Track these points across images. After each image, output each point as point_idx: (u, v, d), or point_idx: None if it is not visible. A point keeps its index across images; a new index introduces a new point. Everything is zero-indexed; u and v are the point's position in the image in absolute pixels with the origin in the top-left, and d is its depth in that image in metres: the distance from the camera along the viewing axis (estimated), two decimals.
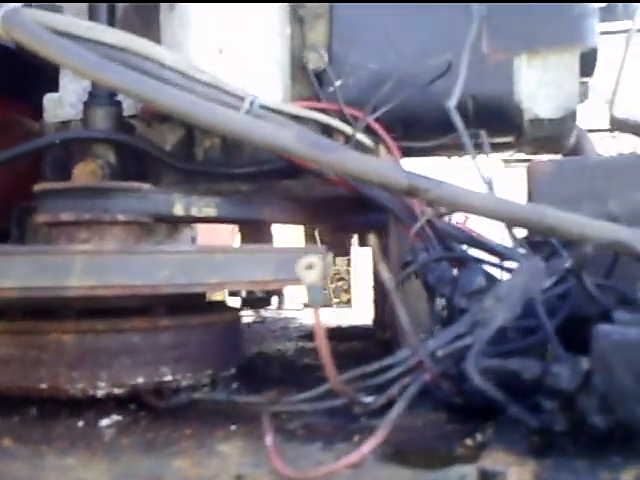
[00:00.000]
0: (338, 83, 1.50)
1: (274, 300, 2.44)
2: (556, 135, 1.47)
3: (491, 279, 1.06)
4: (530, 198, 1.45)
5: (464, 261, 1.13)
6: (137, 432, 0.93)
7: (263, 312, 2.57)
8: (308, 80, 1.45)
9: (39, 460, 0.82)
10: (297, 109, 1.24)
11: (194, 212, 1.18)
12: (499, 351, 0.89)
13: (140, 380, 0.97)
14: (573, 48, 1.42)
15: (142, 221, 1.11)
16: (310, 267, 0.74)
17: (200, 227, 2.17)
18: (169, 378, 0.99)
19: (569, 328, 0.90)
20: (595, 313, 0.82)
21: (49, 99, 1.55)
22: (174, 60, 1.10)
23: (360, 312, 2.54)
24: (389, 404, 0.88)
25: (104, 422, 0.95)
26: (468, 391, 0.92)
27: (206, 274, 0.89)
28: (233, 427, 0.94)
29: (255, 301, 2.06)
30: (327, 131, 1.29)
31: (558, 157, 1.64)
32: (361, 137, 1.28)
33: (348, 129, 1.26)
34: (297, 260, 0.73)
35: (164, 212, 1.14)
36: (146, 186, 1.14)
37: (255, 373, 1.25)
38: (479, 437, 0.86)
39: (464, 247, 1.19)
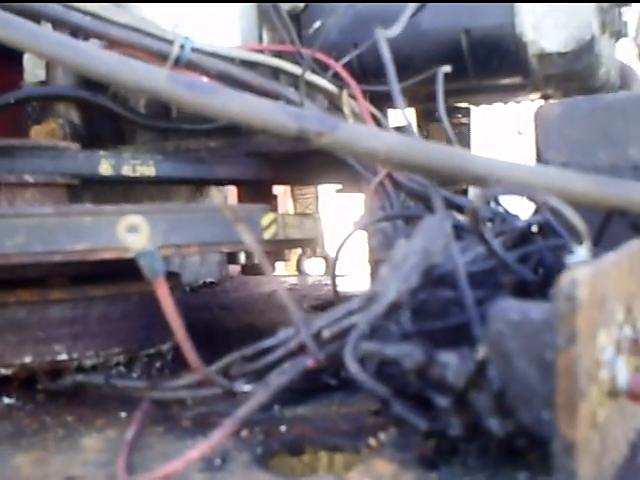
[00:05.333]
0: (317, 24, 1.34)
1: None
2: (572, 72, 1.25)
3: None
4: (537, 146, 1.24)
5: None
6: (17, 418, 0.83)
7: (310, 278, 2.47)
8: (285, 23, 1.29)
9: None
10: (239, 52, 1.09)
11: (126, 172, 1.06)
12: (419, 330, 0.72)
13: (28, 359, 0.86)
14: None
15: (62, 183, 1.00)
16: (133, 230, 0.60)
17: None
18: (64, 357, 0.88)
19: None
20: (509, 283, 0.64)
21: (28, 59, 1.47)
22: (85, 2, 0.98)
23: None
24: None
25: None
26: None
27: (69, 240, 0.77)
28: (123, 414, 0.83)
29: (255, 267, 1.94)
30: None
31: None
32: (322, 81, 1.12)
33: (298, 70, 1.10)
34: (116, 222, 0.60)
35: (87, 172, 1.03)
36: (62, 144, 1.03)
37: (214, 350, 1.13)
38: (382, 437, 0.70)
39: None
